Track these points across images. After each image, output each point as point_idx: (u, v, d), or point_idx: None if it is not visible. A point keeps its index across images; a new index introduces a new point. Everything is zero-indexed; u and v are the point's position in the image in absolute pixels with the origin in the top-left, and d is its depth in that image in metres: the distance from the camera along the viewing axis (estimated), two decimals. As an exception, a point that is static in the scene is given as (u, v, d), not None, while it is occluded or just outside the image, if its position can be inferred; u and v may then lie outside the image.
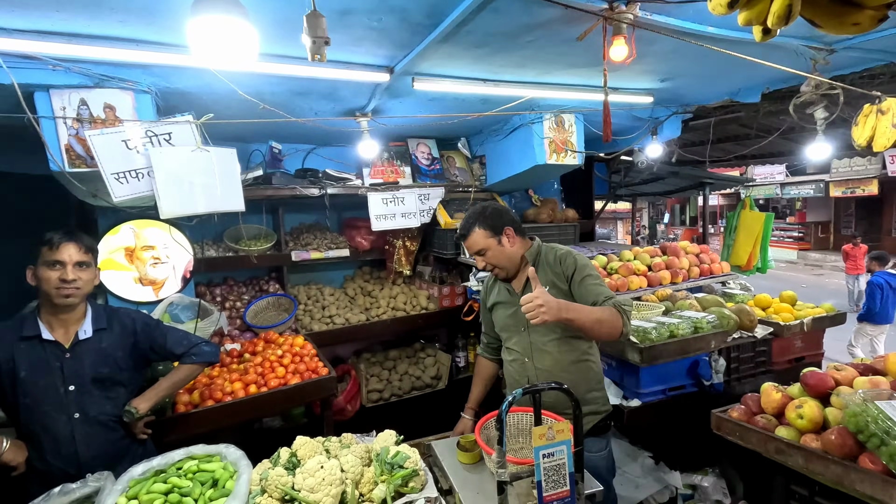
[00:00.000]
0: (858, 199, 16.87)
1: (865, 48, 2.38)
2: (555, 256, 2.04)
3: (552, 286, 1.99)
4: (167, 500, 1.56)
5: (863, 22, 0.82)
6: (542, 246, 2.12)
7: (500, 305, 2.15)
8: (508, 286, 2.11)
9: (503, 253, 2.00)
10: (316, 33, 1.12)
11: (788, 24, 0.81)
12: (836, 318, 3.14)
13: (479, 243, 2.00)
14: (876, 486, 1.37)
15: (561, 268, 2.00)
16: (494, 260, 2.01)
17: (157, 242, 3.12)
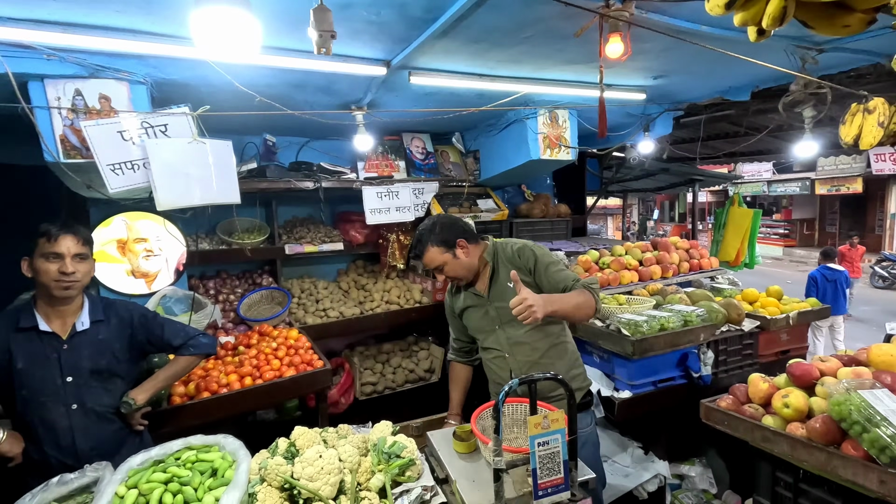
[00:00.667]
0: (843, 197, 17.18)
1: (853, 48, 2.44)
2: (511, 251, 2.10)
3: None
4: (167, 489, 1.57)
5: (853, 24, 0.86)
6: (496, 244, 2.16)
7: (470, 310, 2.19)
8: (474, 290, 2.16)
9: (460, 265, 2.05)
10: (322, 27, 1.13)
11: (783, 25, 0.84)
12: (821, 313, 3.22)
13: (435, 260, 2.04)
14: (857, 471, 1.43)
15: (521, 261, 2.06)
16: (453, 273, 2.07)
17: (150, 235, 3.11)
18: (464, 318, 2.25)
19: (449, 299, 2.33)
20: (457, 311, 2.27)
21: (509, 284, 2.05)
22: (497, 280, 2.10)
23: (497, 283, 2.10)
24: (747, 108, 3.75)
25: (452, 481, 1.76)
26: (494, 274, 2.11)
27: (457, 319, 2.31)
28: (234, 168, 2.56)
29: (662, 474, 2.87)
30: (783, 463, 1.71)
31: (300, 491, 1.56)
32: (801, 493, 1.73)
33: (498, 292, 2.09)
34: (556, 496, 1.57)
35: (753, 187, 19.56)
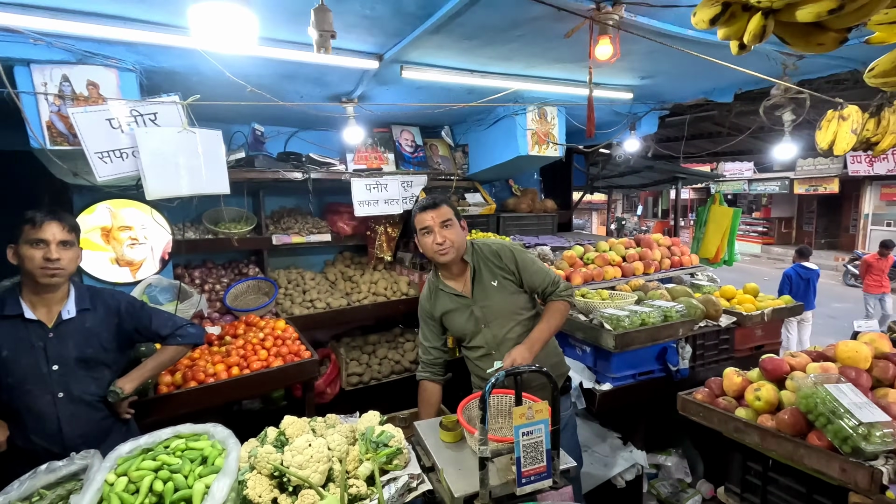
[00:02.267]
0: (820, 197, 17.62)
1: (831, 55, 2.52)
2: (491, 251, 2.15)
3: (499, 279, 2.12)
4: (157, 476, 1.59)
5: (826, 43, 0.91)
6: (473, 243, 2.20)
7: (452, 313, 2.17)
8: (454, 292, 2.15)
9: (460, 234, 2.08)
10: (323, 27, 1.15)
11: (762, 41, 0.89)
12: (794, 310, 3.34)
13: (446, 215, 2.05)
14: (821, 460, 1.51)
15: (502, 262, 2.13)
16: (453, 235, 2.04)
17: (135, 223, 3.07)
18: (445, 322, 2.22)
19: (426, 304, 2.26)
20: (436, 316, 2.22)
21: (493, 283, 2.11)
22: (480, 280, 2.12)
23: (480, 283, 2.12)
24: (730, 110, 3.84)
25: (439, 469, 1.81)
26: (476, 273, 2.12)
27: (436, 324, 2.25)
28: (224, 158, 2.54)
29: (640, 464, 2.96)
30: (754, 453, 1.80)
31: (289, 478, 1.60)
32: (769, 482, 1.82)
33: (482, 292, 2.12)
34: (538, 483, 1.63)
35: (735, 185, 19.93)
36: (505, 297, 2.12)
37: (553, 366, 2.18)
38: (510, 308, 2.12)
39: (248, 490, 1.59)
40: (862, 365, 1.77)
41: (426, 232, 2.05)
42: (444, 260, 2.07)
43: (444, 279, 2.19)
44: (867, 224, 15.75)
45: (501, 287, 2.11)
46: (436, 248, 2.04)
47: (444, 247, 2.03)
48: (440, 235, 2.02)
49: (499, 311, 2.11)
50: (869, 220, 15.72)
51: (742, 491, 1.92)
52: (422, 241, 2.10)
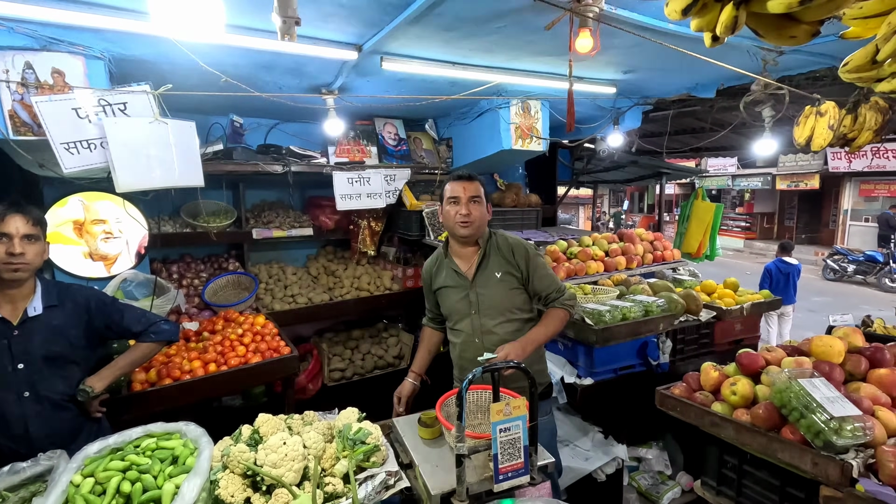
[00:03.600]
0: (801, 193, 17.92)
1: (811, 52, 2.54)
2: (507, 244, 2.15)
3: (505, 273, 2.11)
4: (125, 477, 1.55)
5: (799, 35, 0.90)
6: (492, 232, 2.21)
7: (447, 289, 2.19)
8: (456, 268, 2.15)
9: (484, 214, 2.10)
10: (286, 13, 1.10)
11: (734, 33, 0.87)
12: (773, 304, 3.39)
13: (478, 191, 2.08)
14: (794, 454, 1.53)
15: (514, 259, 2.12)
16: (478, 212, 2.06)
17: (109, 216, 3.00)
18: (439, 296, 2.24)
19: (426, 275, 2.30)
20: (434, 288, 2.26)
21: (497, 275, 2.10)
22: (486, 267, 2.12)
23: (485, 270, 2.12)
24: (712, 105, 3.86)
25: (416, 466, 1.79)
26: (484, 259, 2.12)
27: (432, 294, 2.30)
28: (198, 150, 2.48)
29: (620, 457, 2.98)
30: (730, 447, 1.82)
31: (263, 478, 1.57)
32: (745, 475, 1.84)
33: (483, 279, 2.11)
34: (516, 480, 1.62)
35: (719, 181, 20.18)
36: (504, 291, 2.10)
37: (535, 373, 2.15)
38: (505, 303, 2.11)
39: (220, 490, 1.56)
40: (835, 359, 1.79)
41: (454, 201, 2.06)
42: (462, 232, 2.07)
43: (452, 255, 2.19)
44: (846, 219, 16.08)
45: (503, 281, 2.10)
46: (458, 219, 2.05)
47: (467, 219, 2.04)
48: (466, 208, 2.04)
49: (493, 303, 2.10)
50: (848, 215, 16.04)
51: (718, 484, 1.94)
52: (445, 209, 2.11)
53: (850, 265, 12.13)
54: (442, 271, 2.21)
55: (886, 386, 1.69)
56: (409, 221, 3.89)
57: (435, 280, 2.25)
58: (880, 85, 1.06)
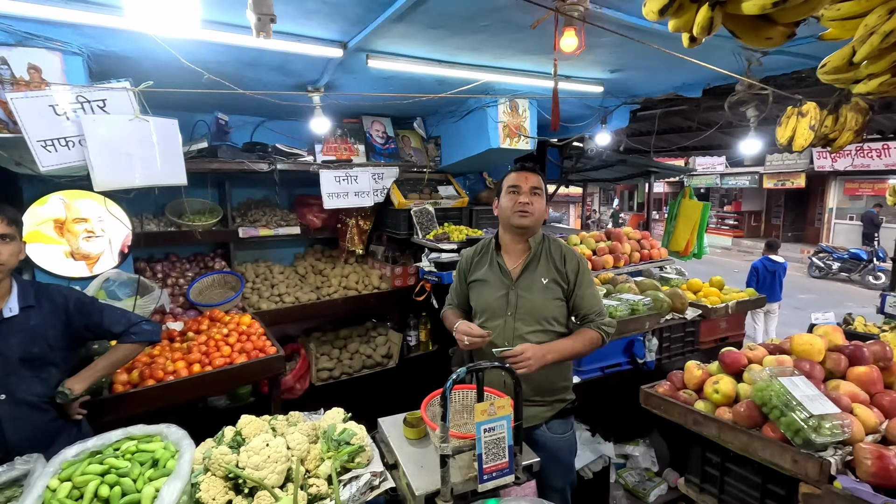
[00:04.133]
0: (788, 192, 18.14)
1: (794, 52, 2.56)
2: (559, 251, 2.05)
3: (551, 281, 2.00)
4: (103, 480, 1.52)
5: (775, 37, 0.90)
6: (546, 235, 2.11)
7: (484, 284, 2.06)
8: (502, 262, 2.04)
9: (543, 209, 2.03)
10: (261, 10, 1.08)
11: (711, 34, 0.87)
12: (757, 302, 3.43)
13: (540, 184, 2.00)
14: (774, 452, 1.54)
15: (565, 267, 2.02)
16: (538, 205, 1.98)
17: (91, 215, 2.94)
18: (473, 288, 2.11)
19: (465, 262, 2.17)
20: (468, 280, 2.13)
21: (543, 280, 1.99)
22: (533, 269, 2.02)
23: (531, 273, 2.02)
24: (699, 105, 3.88)
25: (400, 466, 1.79)
26: (533, 261, 2.02)
27: (464, 286, 2.16)
28: (181, 148, 2.44)
29: (607, 455, 3.00)
30: (713, 444, 1.83)
31: (245, 480, 1.55)
32: (727, 472, 1.85)
33: (527, 282, 2.01)
34: (500, 480, 1.62)
35: (707, 179, 20.36)
36: (547, 298, 1.99)
37: (558, 389, 2.09)
38: (545, 312, 1.99)
39: (202, 493, 1.54)
40: (815, 357, 1.81)
41: (514, 191, 1.97)
42: (520, 222, 1.96)
43: (502, 249, 2.08)
44: (831, 218, 16.31)
45: (548, 288, 1.99)
46: (517, 208, 1.95)
47: (527, 209, 1.95)
48: (527, 197, 1.96)
49: (532, 308, 1.98)
50: (833, 213, 16.28)
51: (701, 482, 1.96)
52: (504, 199, 2.01)
53: (835, 263, 12.31)
54: (484, 264, 2.09)
55: (865, 384, 1.71)
56: (398, 220, 3.88)
57: (474, 271, 2.12)
58: (857, 86, 1.07)
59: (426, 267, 3.42)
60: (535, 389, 2.02)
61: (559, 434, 2.09)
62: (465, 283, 2.16)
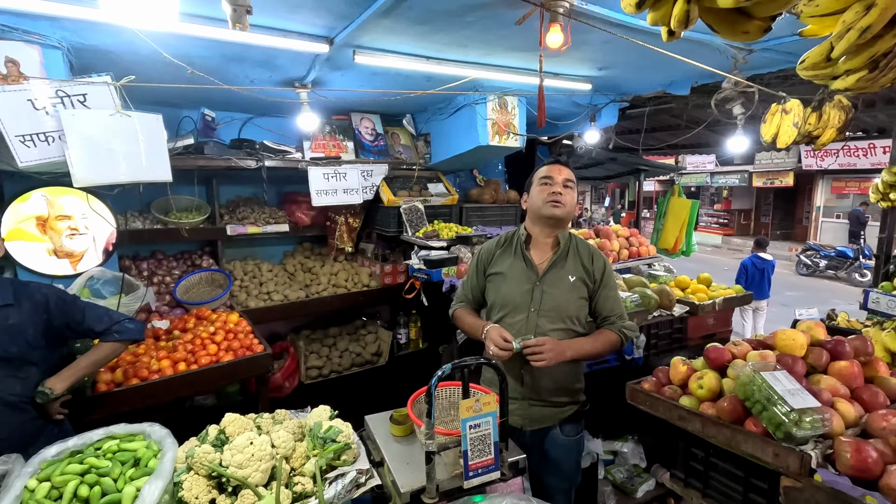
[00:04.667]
0: (777, 190, 18.33)
1: (779, 50, 2.57)
2: (587, 249, 2.04)
3: (578, 279, 1.98)
4: (83, 480, 1.50)
5: (751, 31, 0.91)
6: (573, 235, 2.10)
7: (505, 277, 2.00)
8: (526, 255, 1.99)
9: (574, 205, 2.01)
10: (237, 1, 1.07)
11: (688, 27, 0.88)
12: (744, 299, 3.45)
13: (572, 177, 1.99)
14: (756, 446, 1.56)
15: (592, 266, 2.00)
16: (570, 198, 1.96)
17: (75, 212, 2.91)
18: (492, 282, 2.04)
19: (485, 254, 2.10)
20: (488, 272, 2.06)
21: (570, 278, 1.97)
22: (561, 266, 1.98)
23: (559, 270, 1.98)
24: (687, 103, 3.91)
25: (386, 463, 1.78)
26: (560, 257, 1.99)
27: (482, 279, 2.09)
28: (165, 144, 2.41)
29: (595, 451, 3.01)
30: (697, 440, 1.84)
31: (228, 479, 1.54)
32: (711, 467, 1.86)
33: (554, 278, 1.97)
34: (486, 476, 1.62)
35: (698, 178, 20.52)
36: (574, 297, 1.97)
37: (574, 391, 2.09)
38: (570, 310, 1.96)
39: (184, 492, 1.53)
40: (798, 352, 1.83)
41: (546, 182, 1.95)
42: (552, 212, 1.93)
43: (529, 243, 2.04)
44: (819, 216, 16.51)
45: (575, 287, 1.97)
46: (550, 198, 1.92)
47: (559, 199, 1.92)
48: (559, 188, 1.93)
49: (558, 305, 1.95)
50: (820, 212, 16.47)
51: (686, 476, 1.96)
52: (535, 191, 1.99)
53: (822, 260, 12.46)
54: (508, 256, 2.03)
55: (846, 378, 1.73)
56: (387, 217, 3.87)
57: (495, 263, 2.05)
58: (835, 83, 1.08)
59: (416, 264, 3.41)
60: (552, 390, 2.00)
61: (570, 436, 2.10)
62: (482, 277, 2.09)
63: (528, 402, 2.00)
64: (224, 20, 1.94)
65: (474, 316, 2.11)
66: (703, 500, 1.89)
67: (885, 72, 1.03)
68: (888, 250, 3.02)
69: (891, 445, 1.40)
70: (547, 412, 2.03)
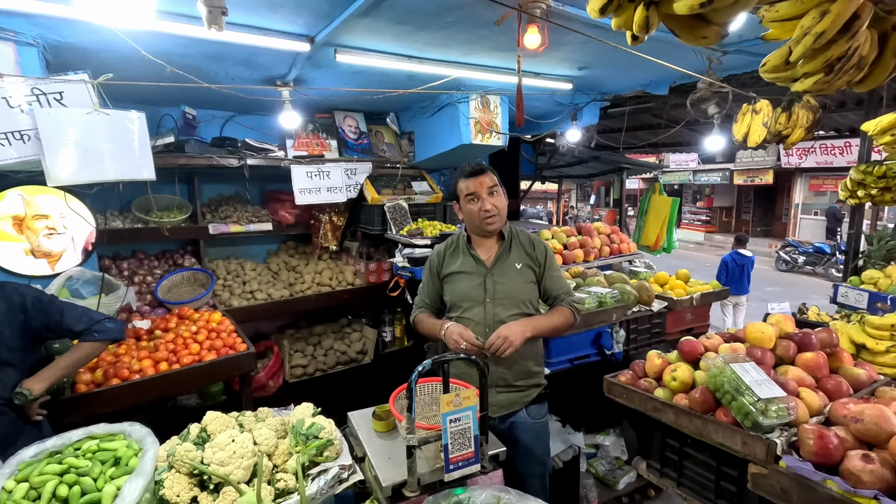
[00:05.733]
0: (757, 188, 18.69)
1: (751, 52, 2.64)
2: (527, 238, 2.15)
3: (525, 265, 2.09)
4: (62, 480, 1.50)
5: (710, 36, 0.95)
6: (511, 225, 2.18)
7: (461, 275, 2.10)
8: (475, 254, 2.09)
9: (504, 202, 2.06)
10: (212, 2, 1.07)
11: (649, 32, 0.91)
12: (721, 294, 3.53)
13: (493, 181, 2.02)
14: (726, 435, 1.62)
15: (534, 252, 2.12)
16: (500, 203, 2.02)
17: (52, 211, 2.86)
18: (448, 282, 2.14)
19: (436, 258, 2.19)
20: (442, 274, 2.15)
21: (517, 266, 2.07)
22: (506, 257, 2.09)
23: (505, 260, 2.08)
24: (666, 102, 3.98)
25: (367, 458, 1.81)
26: (506, 249, 2.09)
27: (437, 281, 2.18)
28: (148, 141, 2.39)
29: (577, 445, 3.07)
30: (672, 430, 1.90)
31: (210, 476, 1.55)
32: (685, 457, 1.93)
33: (502, 269, 2.07)
34: (466, 469, 1.65)
35: (680, 176, 20.83)
36: (523, 282, 2.08)
37: (534, 374, 2.15)
38: (522, 295, 2.07)
39: (165, 490, 1.53)
40: (767, 344, 1.89)
41: (472, 198, 2.00)
42: (492, 228, 2.03)
43: (473, 242, 2.13)
44: (798, 213, 16.89)
45: (523, 273, 2.08)
46: (483, 216, 1.99)
47: (493, 214, 1.99)
48: (488, 203, 1.98)
49: (510, 293, 2.05)
50: (799, 209, 16.85)
51: (662, 466, 2.02)
52: (466, 208, 2.05)
53: (801, 256, 12.75)
54: (458, 257, 2.13)
55: (812, 368, 1.80)
56: (371, 216, 3.87)
57: (447, 265, 2.14)
58: (795, 85, 1.12)
59: (400, 262, 3.43)
60: (515, 375, 2.09)
61: (537, 419, 2.16)
62: (437, 280, 2.19)
63: (495, 390, 2.06)
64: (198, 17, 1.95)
65: (433, 318, 2.19)
66: (677, 489, 1.96)
67: (839, 75, 1.08)
68: (856, 246, 3.12)
69: (851, 432, 1.47)
70: (513, 397, 2.10)
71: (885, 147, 2.15)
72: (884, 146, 2.15)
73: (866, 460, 1.34)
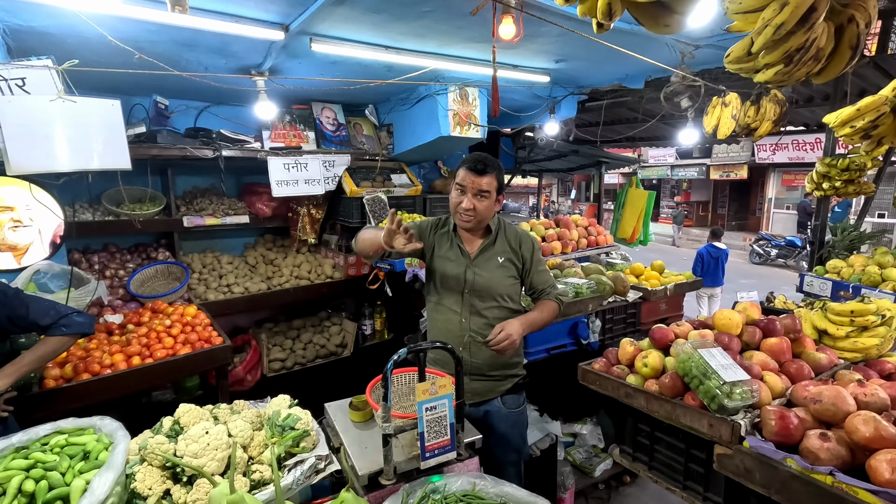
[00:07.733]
0: (732, 182, 19.11)
1: (723, 46, 2.69)
2: (515, 234, 2.17)
3: (507, 260, 2.11)
4: (29, 475, 1.46)
5: (671, 25, 0.97)
6: (500, 218, 2.20)
7: (445, 261, 2.12)
8: (461, 244, 2.10)
9: (491, 209, 2.04)
10: (175, -17, 1.05)
11: (613, 20, 0.93)
12: (694, 284, 3.62)
13: (487, 186, 1.96)
14: (694, 418, 1.66)
15: (520, 249, 2.14)
16: (482, 207, 1.98)
17: (17, 203, 2.77)
18: (436, 263, 2.14)
19: (426, 230, 2.17)
20: (427, 251, 2.15)
21: (499, 259, 2.09)
22: (489, 250, 2.11)
23: (487, 253, 2.10)
24: (642, 96, 4.03)
25: (344, 448, 1.81)
26: (490, 243, 2.11)
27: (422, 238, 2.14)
28: (122, 130, 2.32)
29: (554, 433, 3.12)
30: (643, 416, 1.94)
31: (183, 469, 1.53)
32: (656, 441, 1.98)
33: (484, 261, 2.09)
34: (442, 457, 1.67)
35: (659, 171, 21.16)
36: (502, 277, 2.10)
37: (512, 364, 2.19)
38: (500, 289, 2.09)
39: (137, 483, 1.51)
40: (734, 331, 1.95)
41: (460, 189, 2.00)
42: (463, 226, 2.05)
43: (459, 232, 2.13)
44: (771, 207, 17.34)
45: (504, 267, 2.10)
46: (460, 211, 2.00)
47: (468, 214, 1.98)
48: (469, 202, 1.96)
49: (489, 286, 2.07)
50: (772, 203, 17.30)
51: (634, 451, 2.08)
52: (452, 193, 2.05)
53: (773, 250, 13.11)
54: (445, 242, 2.14)
55: (776, 353, 1.87)
56: (350, 208, 3.85)
57: (438, 245, 2.14)
58: (757, 76, 1.16)
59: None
60: (491, 365, 2.12)
61: (513, 409, 2.19)
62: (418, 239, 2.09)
63: (469, 378, 2.09)
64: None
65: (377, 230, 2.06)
66: (649, 472, 2.01)
67: (798, 66, 1.12)
68: (821, 237, 3.22)
69: (811, 412, 1.53)
70: (488, 385, 2.13)
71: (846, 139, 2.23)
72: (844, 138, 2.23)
73: (823, 439, 1.40)
